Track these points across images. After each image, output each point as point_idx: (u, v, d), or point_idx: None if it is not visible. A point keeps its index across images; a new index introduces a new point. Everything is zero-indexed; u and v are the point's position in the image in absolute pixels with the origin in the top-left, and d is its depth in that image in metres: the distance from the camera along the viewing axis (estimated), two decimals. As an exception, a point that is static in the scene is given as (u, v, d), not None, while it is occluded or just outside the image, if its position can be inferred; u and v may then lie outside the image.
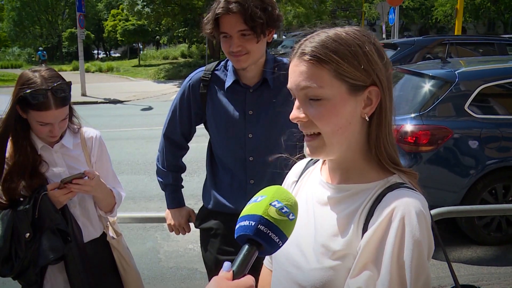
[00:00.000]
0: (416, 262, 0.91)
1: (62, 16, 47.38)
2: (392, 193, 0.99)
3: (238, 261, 0.88)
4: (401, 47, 8.62)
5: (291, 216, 0.92)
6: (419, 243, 0.92)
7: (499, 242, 4.39)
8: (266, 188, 0.98)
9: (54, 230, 1.82)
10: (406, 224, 0.93)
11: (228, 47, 1.85)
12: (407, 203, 0.95)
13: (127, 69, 28.89)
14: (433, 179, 4.19)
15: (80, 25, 16.35)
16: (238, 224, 0.93)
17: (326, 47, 0.99)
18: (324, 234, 1.05)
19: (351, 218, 1.02)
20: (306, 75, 1.00)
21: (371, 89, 1.01)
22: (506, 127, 4.25)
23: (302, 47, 1.03)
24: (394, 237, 0.93)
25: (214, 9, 1.82)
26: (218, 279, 0.85)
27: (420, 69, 4.91)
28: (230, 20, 1.79)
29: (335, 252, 1.01)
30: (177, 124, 2.13)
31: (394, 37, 15.88)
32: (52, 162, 1.92)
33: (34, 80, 1.77)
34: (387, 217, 0.95)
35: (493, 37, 10.79)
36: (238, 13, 1.77)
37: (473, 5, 30.38)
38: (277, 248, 0.91)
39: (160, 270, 4.09)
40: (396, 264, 0.92)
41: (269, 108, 1.96)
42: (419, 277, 0.91)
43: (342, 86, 1.00)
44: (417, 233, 0.92)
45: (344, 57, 0.99)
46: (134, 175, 6.80)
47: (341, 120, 1.01)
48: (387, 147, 1.04)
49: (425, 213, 0.95)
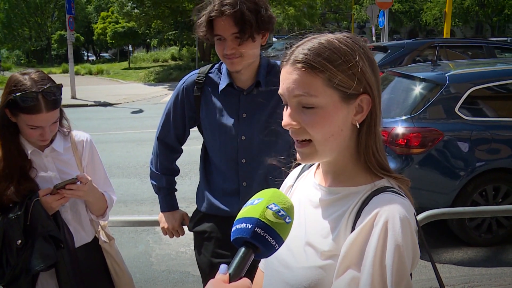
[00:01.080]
0: (397, 266, 0.92)
1: (51, 19, 47.08)
2: (378, 197, 1.00)
3: (234, 264, 0.87)
4: (391, 49, 8.69)
5: (287, 219, 0.92)
6: (401, 248, 0.92)
7: (490, 243, 4.42)
8: (262, 191, 0.97)
9: (47, 237, 1.79)
10: (389, 228, 0.93)
11: (222, 50, 1.85)
12: (391, 208, 0.96)
13: (117, 71, 28.73)
14: (424, 181, 4.21)
15: (69, 27, 16.23)
16: (234, 226, 0.92)
17: (319, 55, 1.00)
18: (313, 235, 1.07)
19: (339, 220, 1.04)
20: (299, 83, 1.00)
21: (362, 97, 1.02)
22: (495, 129, 4.29)
23: (295, 54, 1.02)
24: (377, 241, 0.93)
25: (208, 11, 1.82)
26: (214, 282, 0.85)
27: (411, 72, 4.94)
28: (224, 22, 1.79)
29: (323, 253, 1.02)
30: (171, 127, 2.12)
31: (384, 40, 16.00)
32: (43, 166, 1.89)
33: (24, 83, 1.74)
34: (370, 220, 0.96)
35: (482, 40, 10.91)
36: (231, 15, 1.77)
37: (462, 9, 30.69)
38: (273, 251, 0.91)
39: (152, 273, 4.06)
40: (379, 267, 0.93)
41: (262, 110, 1.96)
42: (400, 282, 0.92)
43: (335, 95, 1.00)
44: (399, 238, 0.93)
45: (338, 66, 0.99)
46: (125, 178, 6.76)
47: (333, 128, 1.02)
48: (376, 153, 1.06)
49: (409, 218, 0.96)
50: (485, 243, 4.42)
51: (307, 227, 1.09)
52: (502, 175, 4.34)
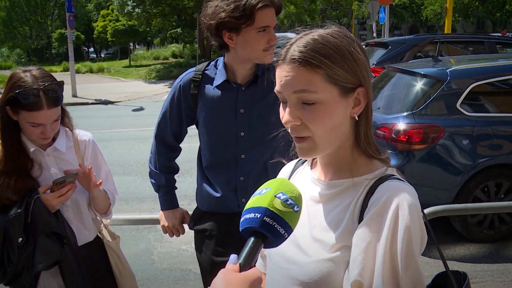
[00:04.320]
0: (406, 250, 0.93)
1: (52, 17, 47.03)
2: (384, 185, 1.02)
3: (244, 254, 0.88)
4: (392, 45, 8.66)
5: (296, 208, 0.93)
6: (409, 230, 0.94)
7: (492, 240, 4.41)
8: (270, 181, 0.98)
9: (49, 234, 1.78)
10: (400, 215, 0.95)
11: (265, 41, 1.81)
12: (399, 194, 0.98)
13: (118, 69, 28.72)
14: (426, 178, 4.20)
15: (70, 25, 16.22)
16: (243, 217, 0.92)
17: (316, 51, 1.00)
18: (319, 230, 1.07)
19: (345, 211, 1.04)
20: (298, 81, 1.01)
21: (359, 90, 1.04)
22: (497, 125, 4.28)
23: (290, 52, 1.03)
24: (388, 228, 0.95)
25: (243, 1, 1.74)
26: (225, 271, 0.85)
27: (412, 68, 4.92)
28: (272, 12, 1.79)
29: (332, 246, 1.03)
30: (168, 125, 2.11)
31: (385, 36, 15.96)
32: (45, 165, 1.89)
33: (25, 80, 1.72)
34: (380, 208, 0.97)
35: (483, 35, 10.87)
36: (276, 5, 1.79)
37: (462, 4, 30.60)
38: (282, 240, 0.92)
39: (154, 271, 4.07)
40: (389, 253, 0.94)
41: (261, 106, 1.96)
42: (408, 265, 0.94)
43: (334, 90, 1.01)
44: (408, 222, 0.94)
45: (335, 61, 1.00)
46: (126, 176, 6.76)
47: (334, 122, 1.03)
48: (371, 139, 1.10)
49: (416, 203, 0.98)
50: (487, 239, 4.41)
51: (311, 223, 1.09)
52: (504, 171, 4.32)
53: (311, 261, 1.04)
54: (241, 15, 1.74)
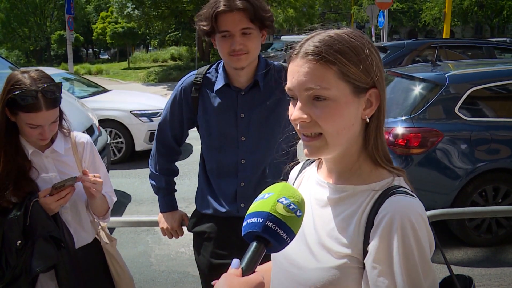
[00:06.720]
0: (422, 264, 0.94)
1: (51, 18, 46.97)
2: (391, 201, 0.99)
3: (246, 258, 0.88)
4: (391, 50, 8.68)
5: (298, 213, 0.93)
6: (422, 246, 0.94)
7: (490, 244, 4.42)
8: (272, 185, 0.97)
9: (47, 238, 1.78)
10: (408, 229, 0.94)
11: (228, 46, 1.82)
12: (405, 210, 0.96)
13: (116, 71, 28.67)
14: (424, 182, 4.21)
15: (69, 27, 16.22)
16: (245, 221, 0.92)
17: (330, 46, 0.99)
18: (324, 235, 1.05)
19: (351, 219, 1.03)
20: (311, 76, 0.99)
21: (372, 91, 1.03)
22: (495, 130, 4.29)
23: (304, 46, 1.01)
24: (399, 246, 0.94)
25: (213, 5, 1.79)
26: (228, 276, 0.85)
27: (410, 72, 4.94)
28: (233, 17, 1.78)
29: (337, 253, 1.02)
30: (169, 127, 2.12)
31: (384, 40, 16.00)
32: (43, 167, 1.89)
33: (23, 81, 1.73)
34: (388, 226, 0.95)
35: (481, 40, 10.91)
36: (244, 10, 1.77)
37: (461, 9, 30.66)
38: (285, 244, 0.91)
39: (152, 274, 4.06)
40: (405, 269, 0.93)
41: (261, 110, 1.96)
42: (427, 272, 0.94)
43: (347, 88, 1.00)
44: (419, 237, 0.94)
45: (350, 58, 0.99)
46: (125, 178, 6.75)
47: (345, 121, 1.01)
48: (384, 146, 1.07)
49: (423, 216, 0.97)
50: (485, 243, 4.41)
51: (316, 226, 1.08)
52: (501, 176, 4.34)
53: (315, 267, 1.03)
54: (208, 22, 1.81)
